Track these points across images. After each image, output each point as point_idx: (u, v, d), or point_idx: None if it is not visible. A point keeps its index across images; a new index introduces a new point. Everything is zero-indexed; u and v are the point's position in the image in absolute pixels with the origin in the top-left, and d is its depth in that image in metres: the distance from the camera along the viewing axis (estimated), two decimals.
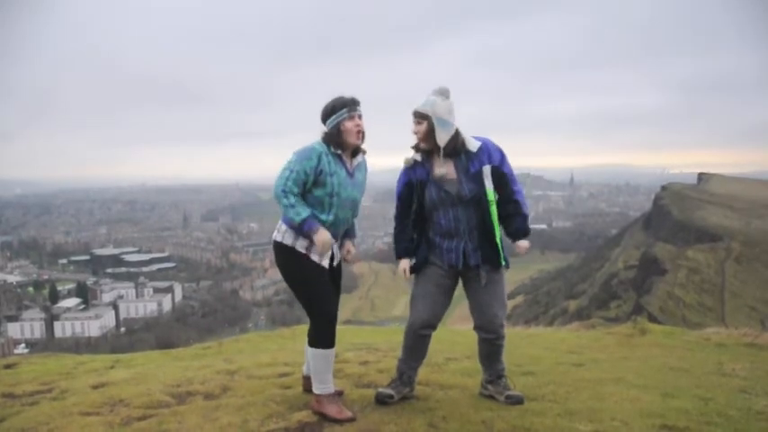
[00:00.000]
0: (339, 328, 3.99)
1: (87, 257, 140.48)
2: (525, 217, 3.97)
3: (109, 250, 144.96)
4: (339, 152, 3.83)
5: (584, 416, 3.68)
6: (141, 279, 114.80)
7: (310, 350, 3.85)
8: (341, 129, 3.79)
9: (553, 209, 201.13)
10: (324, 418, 3.70)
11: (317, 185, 3.77)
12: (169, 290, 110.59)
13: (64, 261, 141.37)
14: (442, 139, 3.79)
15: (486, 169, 3.83)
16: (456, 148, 3.83)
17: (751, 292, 61.90)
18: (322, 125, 3.88)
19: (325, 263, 3.87)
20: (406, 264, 3.95)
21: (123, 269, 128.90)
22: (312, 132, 3.91)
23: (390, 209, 4.22)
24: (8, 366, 6.09)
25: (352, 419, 3.69)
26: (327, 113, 3.83)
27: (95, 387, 4.70)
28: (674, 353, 5.86)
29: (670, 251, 68.81)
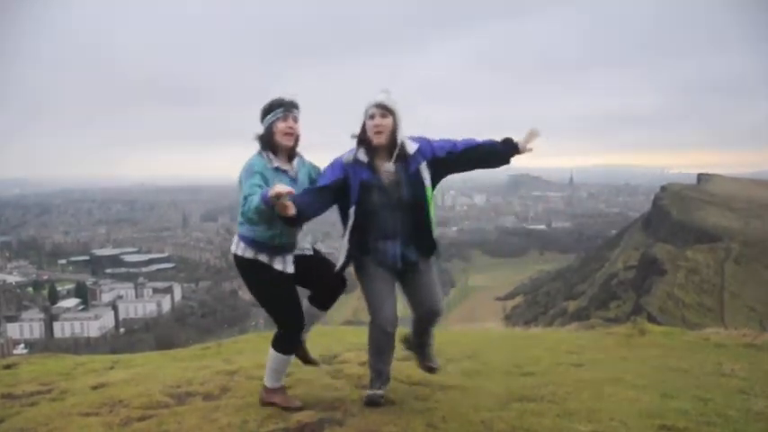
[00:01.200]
0: (339, 328, 4.03)
1: (86, 258, 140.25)
2: (486, 142, 3.92)
3: (108, 250, 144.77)
4: (276, 165, 3.74)
5: (584, 416, 3.69)
6: (140, 279, 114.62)
7: (272, 351, 3.92)
8: (273, 129, 3.75)
9: (552, 209, 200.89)
10: (272, 405, 3.92)
11: None
12: (168, 290, 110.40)
13: (63, 261, 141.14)
14: (402, 137, 3.77)
15: (423, 168, 3.79)
16: (400, 150, 3.77)
17: (750, 292, 61.96)
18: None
19: (291, 269, 3.84)
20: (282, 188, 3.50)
21: (123, 269, 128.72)
22: (312, 132, 3.88)
23: None
24: (7, 367, 6.09)
25: (300, 408, 3.87)
26: (263, 113, 3.79)
27: (95, 388, 4.71)
28: (674, 353, 5.86)
29: (669, 251, 68.83)
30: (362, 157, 3.78)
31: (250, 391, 4.33)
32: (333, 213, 3.95)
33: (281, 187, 3.37)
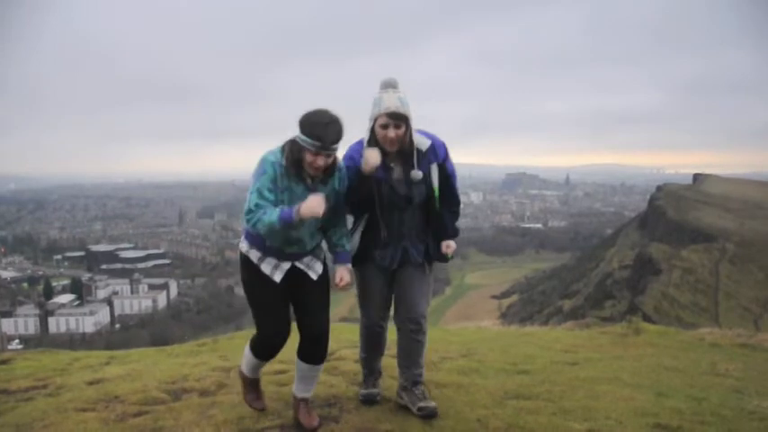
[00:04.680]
0: (335, 325, 4.00)
1: (82, 253, 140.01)
2: (458, 216, 3.87)
3: (104, 246, 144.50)
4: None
5: (579, 414, 3.70)
6: (136, 275, 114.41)
7: (245, 350, 3.70)
8: (302, 154, 3.25)
9: (548, 208, 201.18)
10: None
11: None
12: (164, 286, 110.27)
13: (58, 257, 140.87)
14: (415, 139, 3.57)
15: (434, 169, 3.64)
16: (411, 147, 3.59)
17: (745, 292, 62.11)
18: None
19: (278, 277, 3.47)
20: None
21: (118, 265, 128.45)
22: None
23: None
24: (2, 362, 6.07)
25: (261, 410, 3.78)
26: (300, 128, 3.25)
27: (90, 383, 4.70)
28: (668, 353, 5.88)
29: (665, 251, 68.92)
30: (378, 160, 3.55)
31: None
32: None
33: (316, 200, 3.13)
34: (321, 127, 3.19)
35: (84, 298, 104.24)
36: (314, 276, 3.56)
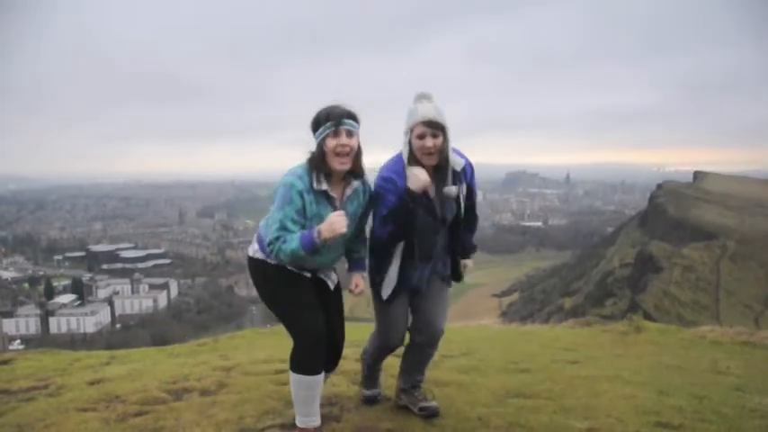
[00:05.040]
0: None
1: (83, 253, 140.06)
2: (474, 233, 3.79)
3: (104, 246, 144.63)
4: (324, 187, 3.16)
5: (580, 413, 3.70)
6: (137, 275, 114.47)
7: (291, 376, 3.25)
8: (323, 149, 3.13)
9: (549, 207, 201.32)
10: None
11: None
12: (164, 286, 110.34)
13: (59, 257, 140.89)
14: (453, 159, 3.40)
15: (464, 189, 3.50)
16: (446, 164, 3.41)
17: (745, 290, 62.17)
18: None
19: (306, 274, 3.32)
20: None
21: (119, 265, 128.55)
22: (309, 131, 3.26)
23: None
24: (3, 363, 6.08)
25: None
26: (313, 127, 3.18)
27: (91, 383, 4.70)
28: (669, 351, 5.88)
29: (665, 249, 69.03)
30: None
31: (246, 386, 4.33)
32: None
33: (338, 220, 3.02)
34: (327, 111, 3.14)
35: (85, 298, 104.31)
36: (331, 285, 3.47)
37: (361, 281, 3.50)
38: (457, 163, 3.41)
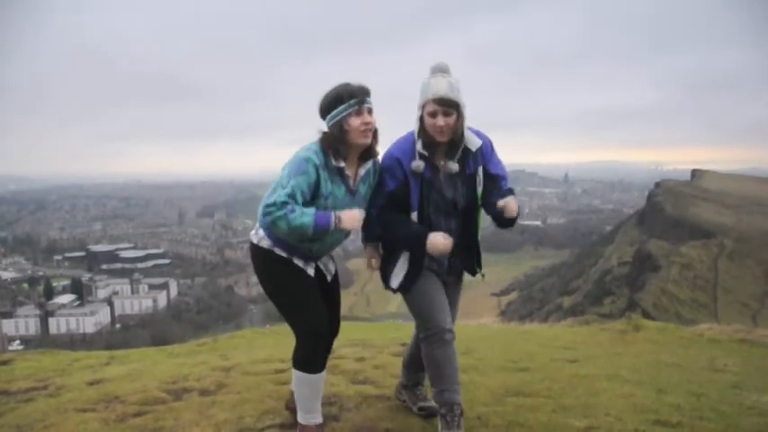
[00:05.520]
0: None
1: (82, 254, 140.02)
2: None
3: (104, 246, 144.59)
4: (342, 165, 3.10)
5: (579, 411, 3.70)
6: (136, 275, 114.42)
7: (294, 373, 3.22)
8: (344, 128, 3.03)
9: (547, 205, 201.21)
10: None
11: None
12: (164, 286, 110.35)
13: (59, 257, 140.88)
14: (465, 131, 3.20)
15: (480, 171, 3.29)
16: (460, 143, 3.22)
17: (743, 288, 62.26)
18: (321, 121, 3.14)
19: (311, 270, 3.24)
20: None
21: (118, 265, 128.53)
22: (309, 130, 3.20)
23: None
24: (3, 363, 6.09)
25: None
26: (328, 106, 3.07)
27: (91, 384, 4.71)
28: (668, 349, 5.90)
29: (663, 248, 69.06)
30: (422, 152, 3.22)
31: (246, 386, 4.33)
32: None
33: (357, 216, 3.05)
34: (348, 89, 3.06)
35: (85, 298, 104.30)
36: (329, 277, 3.41)
37: (377, 255, 3.41)
38: (472, 143, 3.24)
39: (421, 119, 3.17)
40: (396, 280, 3.34)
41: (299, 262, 3.20)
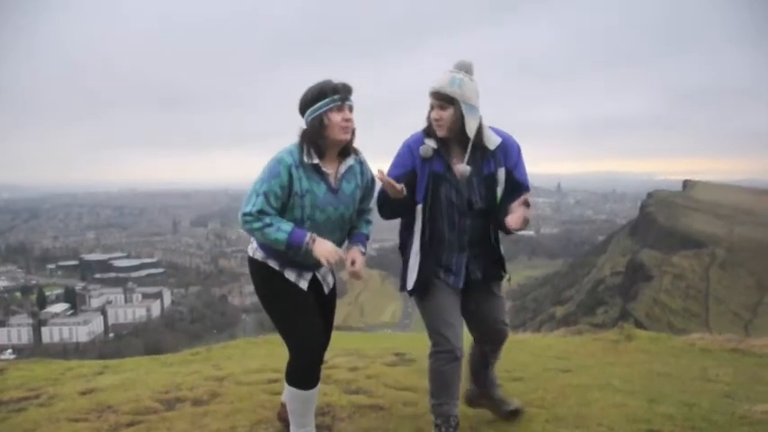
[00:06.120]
0: None
1: (76, 262, 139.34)
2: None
3: (97, 255, 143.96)
4: (316, 161, 3.05)
5: (571, 421, 3.72)
6: (130, 284, 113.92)
7: (287, 388, 3.20)
8: (325, 122, 3.01)
9: (540, 215, 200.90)
10: None
11: (285, 210, 3.06)
12: (158, 295, 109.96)
13: (52, 266, 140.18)
14: (472, 129, 3.10)
15: (501, 173, 3.21)
16: (477, 141, 3.15)
17: (735, 298, 62.50)
18: (302, 118, 3.13)
19: (304, 284, 3.19)
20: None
21: (112, 274, 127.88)
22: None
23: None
24: None
25: None
26: (309, 101, 3.05)
27: (83, 393, 4.69)
28: (660, 358, 5.91)
29: (656, 258, 69.32)
30: (432, 143, 3.17)
31: (239, 396, 4.33)
32: None
33: (332, 250, 2.96)
34: (328, 83, 3.05)
35: (78, 307, 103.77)
36: (326, 289, 3.36)
37: (359, 256, 3.19)
38: (491, 141, 3.18)
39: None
40: (409, 282, 3.30)
41: (291, 275, 3.17)
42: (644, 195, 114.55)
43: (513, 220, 3.06)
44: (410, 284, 3.29)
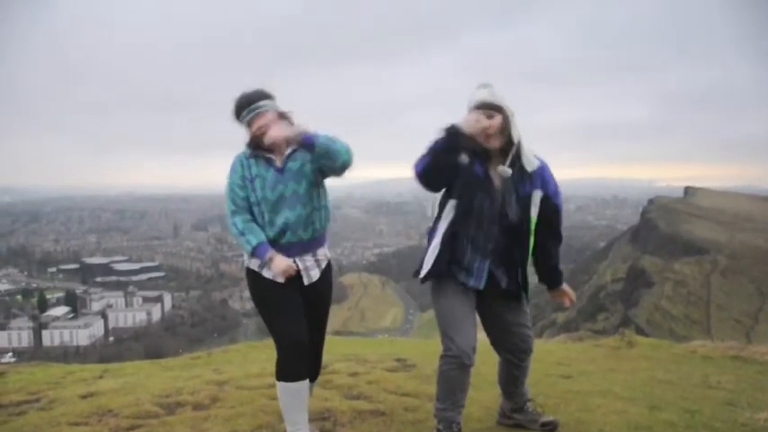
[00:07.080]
0: (328, 338, 3.94)
1: (76, 266, 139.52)
2: (554, 256, 3.55)
3: (98, 259, 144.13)
4: (257, 154, 3.33)
5: (573, 428, 3.71)
6: (131, 288, 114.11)
7: (277, 384, 3.28)
8: (250, 133, 3.33)
9: None
10: None
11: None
12: (158, 299, 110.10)
13: (53, 269, 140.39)
14: (517, 134, 3.18)
15: (537, 195, 3.26)
16: (515, 157, 3.20)
17: (736, 304, 62.25)
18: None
19: (280, 278, 3.28)
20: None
21: (113, 278, 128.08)
22: None
23: (381, 221, 3.35)
24: None
25: None
26: (235, 117, 3.38)
27: (84, 397, 4.69)
28: (661, 365, 5.90)
29: (657, 264, 69.10)
30: (465, 158, 3.17)
31: (240, 401, 4.32)
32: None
33: (285, 267, 3.23)
34: (238, 101, 3.33)
35: (79, 311, 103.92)
36: (306, 281, 3.37)
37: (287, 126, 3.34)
38: (530, 163, 3.23)
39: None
40: (423, 270, 3.35)
41: (268, 273, 3.32)
42: (645, 201, 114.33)
43: (568, 298, 3.67)
44: (423, 272, 3.34)
